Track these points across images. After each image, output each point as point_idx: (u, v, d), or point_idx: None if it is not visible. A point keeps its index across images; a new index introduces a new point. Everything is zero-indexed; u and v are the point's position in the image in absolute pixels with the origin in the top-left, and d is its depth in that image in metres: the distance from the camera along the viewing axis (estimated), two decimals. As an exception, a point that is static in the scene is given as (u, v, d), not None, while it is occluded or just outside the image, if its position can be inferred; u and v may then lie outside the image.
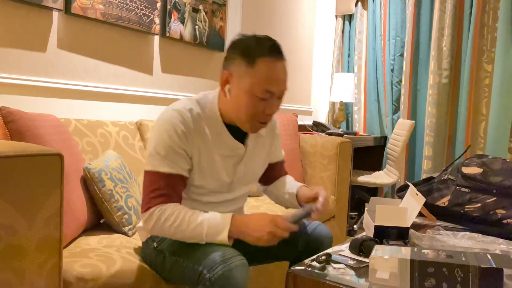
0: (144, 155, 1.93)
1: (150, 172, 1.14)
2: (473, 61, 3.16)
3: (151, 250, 1.22)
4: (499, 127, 3.02)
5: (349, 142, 2.58)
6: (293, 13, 3.51)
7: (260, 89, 1.11)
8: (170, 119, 1.14)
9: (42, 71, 1.77)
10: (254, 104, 1.12)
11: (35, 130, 1.28)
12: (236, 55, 1.14)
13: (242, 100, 1.13)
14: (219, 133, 1.21)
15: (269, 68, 1.11)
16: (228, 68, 1.16)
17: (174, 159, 1.13)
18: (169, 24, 2.28)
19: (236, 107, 1.15)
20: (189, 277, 1.08)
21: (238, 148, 1.24)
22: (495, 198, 1.35)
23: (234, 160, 1.25)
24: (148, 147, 1.17)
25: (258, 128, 1.20)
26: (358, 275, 0.97)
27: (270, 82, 1.11)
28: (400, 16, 3.56)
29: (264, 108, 1.14)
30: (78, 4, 1.81)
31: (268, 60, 1.11)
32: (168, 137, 1.13)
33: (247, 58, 1.11)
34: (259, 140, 1.31)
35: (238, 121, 1.18)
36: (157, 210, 1.11)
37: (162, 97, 2.33)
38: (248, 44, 1.13)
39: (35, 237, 0.95)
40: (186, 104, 1.18)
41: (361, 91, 3.80)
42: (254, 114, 1.14)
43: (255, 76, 1.11)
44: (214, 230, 1.08)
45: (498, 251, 1.06)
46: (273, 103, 1.15)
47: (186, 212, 1.10)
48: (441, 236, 1.16)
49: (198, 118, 1.18)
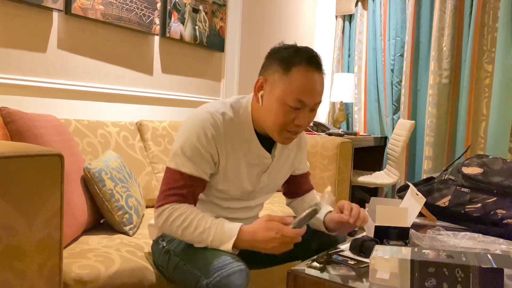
0: (144, 155, 1.93)
1: (172, 170, 1.13)
2: (473, 61, 3.16)
3: (159, 249, 1.22)
4: (499, 127, 3.01)
5: (349, 142, 2.58)
6: (293, 13, 3.51)
7: (292, 98, 1.08)
8: (201, 121, 1.13)
9: (42, 72, 1.77)
10: (284, 113, 1.10)
11: (35, 131, 1.28)
12: (274, 62, 1.13)
13: (273, 107, 1.11)
14: (248, 140, 1.19)
15: (304, 77, 1.09)
16: (263, 74, 1.15)
17: (199, 161, 1.12)
18: (169, 24, 2.28)
19: (267, 115, 1.14)
20: (188, 281, 1.08)
21: (265, 158, 1.23)
22: (495, 198, 1.34)
23: (259, 169, 1.24)
24: (174, 145, 1.15)
25: (288, 139, 1.17)
26: (358, 275, 0.96)
27: (303, 91, 1.09)
28: (400, 16, 3.55)
29: (295, 119, 1.11)
30: (78, 4, 1.81)
31: (304, 69, 1.09)
32: (196, 139, 1.12)
33: (284, 65, 1.10)
34: (284, 151, 1.29)
35: (268, 130, 1.16)
36: (169, 208, 1.10)
37: (162, 98, 2.34)
38: (287, 52, 1.12)
39: (35, 237, 0.95)
40: (220, 107, 1.17)
41: (361, 91, 3.80)
42: (284, 124, 1.12)
43: (289, 84, 1.09)
44: (219, 238, 1.07)
45: (498, 251, 1.06)
46: (305, 114, 1.12)
47: (195, 215, 1.09)
48: (441, 236, 1.15)
49: (230, 123, 1.16)
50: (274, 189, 1.35)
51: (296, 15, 3.55)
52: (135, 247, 1.35)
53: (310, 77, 1.09)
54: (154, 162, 1.99)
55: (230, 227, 1.07)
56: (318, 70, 1.11)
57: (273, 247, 1.03)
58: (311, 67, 1.09)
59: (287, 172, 1.35)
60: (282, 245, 1.03)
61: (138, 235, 1.50)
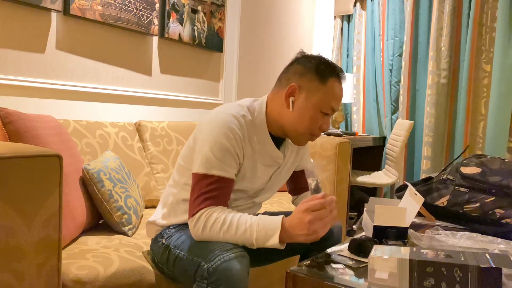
0: (142, 155, 1.93)
1: (201, 174, 1.12)
2: (472, 61, 3.16)
3: (158, 247, 1.23)
4: (497, 127, 3.02)
5: (348, 143, 2.59)
6: (292, 13, 3.51)
7: (327, 106, 1.19)
8: (227, 123, 1.14)
9: (40, 72, 1.77)
10: (317, 118, 1.19)
11: (34, 131, 1.28)
12: (310, 70, 1.19)
13: (307, 113, 1.19)
14: (263, 142, 1.23)
15: (337, 87, 1.20)
16: (296, 81, 1.19)
17: (229, 162, 1.13)
18: (168, 25, 2.28)
19: (298, 119, 1.19)
20: (189, 270, 1.08)
21: (279, 158, 1.27)
22: (493, 198, 1.35)
23: (273, 169, 1.29)
24: (201, 149, 1.14)
25: (306, 142, 1.26)
26: (357, 275, 0.97)
27: (336, 100, 1.20)
28: (398, 17, 3.56)
29: (322, 124, 1.21)
30: (77, 5, 1.81)
31: (337, 80, 1.20)
32: (226, 140, 1.13)
33: (321, 75, 1.18)
34: (292, 149, 1.35)
35: (293, 132, 1.22)
36: (204, 214, 1.09)
37: (161, 98, 2.34)
38: (320, 62, 1.21)
39: (34, 238, 0.95)
40: (240, 109, 1.20)
41: (360, 91, 3.80)
42: (313, 128, 1.20)
43: (326, 93, 1.18)
44: (263, 234, 1.06)
45: (497, 251, 1.06)
46: (328, 120, 1.23)
47: (232, 216, 1.08)
48: (440, 236, 1.16)
49: (251, 124, 1.21)
50: (278, 187, 1.38)
51: (295, 16, 3.55)
52: (134, 247, 1.35)
53: (340, 88, 1.22)
54: (153, 163, 1.99)
55: (271, 221, 1.06)
56: (343, 81, 1.24)
57: (312, 231, 1.02)
58: (341, 79, 1.22)
59: (291, 170, 1.39)
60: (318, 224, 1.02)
61: (137, 235, 1.50)
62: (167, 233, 1.22)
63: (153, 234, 1.28)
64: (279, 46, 3.35)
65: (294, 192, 1.49)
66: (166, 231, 1.24)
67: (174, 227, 1.24)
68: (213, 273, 1.00)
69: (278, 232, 1.04)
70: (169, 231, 1.23)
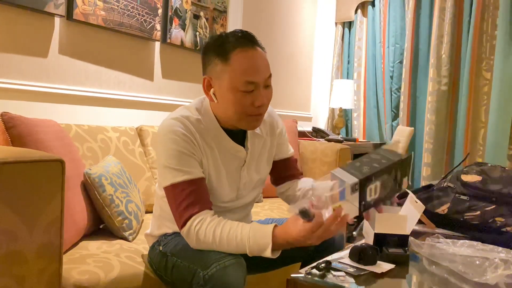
0: (144, 160, 1.93)
1: (169, 187, 1.11)
2: (472, 69, 3.17)
3: (156, 254, 1.22)
4: (498, 134, 3.02)
5: (349, 149, 2.59)
6: (294, 20, 3.53)
7: (240, 82, 1.09)
8: (170, 127, 1.13)
9: (43, 77, 1.78)
10: (240, 99, 1.11)
11: (36, 136, 1.28)
12: (210, 57, 1.13)
13: (228, 99, 1.12)
14: (218, 137, 1.19)
15: (243, 58, 1.09)
16: (206, 73, 1.16)
17: (189, 164, 1.11)
18: (170, 30, 2.29)
19: (225, 108, 1.14)
20: (186, 277, 1.08)
21: (239, 151, 1.22)
22: (494, 206, 1.35)
23: (236, 164, 1.23)
24: (159, 163, 1.14)
25: (255, 123, 1.17)
26: (358, 283, 0.97)
27: (249, 72, 1.09)
28: (399, 24, 3.58)
29: (252, 101, 1.12)
30: (80, 10, 1.82)
31: (240, 51, 1.09)
32: (175, 144, 1.11)
33: (221, 56, 1.11)
34: (258, 141, 1.28)
35: (232, 121, 1.17)
36: (193, 227, 1.07)
37: (162, 103, 2.34)
38: (218, 42, 1.12)
39: (36, 243, 0.95)
40: (183, 111, 1.17)
41: (361, 97, 3.81)
42: (244, 109, 1.12)
43: (232, 71, 1.09)
44: (256, 249, 1.05)
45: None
46: (260, 93, 1.12)
47: (221, 229, 1.06)
48: (440, 244, 1.16)
49: (198, 123, 1.17)
50: (260, 182, 1.33)
51: (296, 22, 3.56)
52: (134, 252, 1.35)
53: (250, 56, 1.10)
54: (154, 168, 1.99)
55: (262, 235, 1.04)
56: (253, 47, 1.12)
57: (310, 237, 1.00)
58: (246, 47, 1.10)
59: (267, 162, 1.33)
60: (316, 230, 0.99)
61: (138, 240, 1.50)
62: (163, 241, 1.22)
63: (150, 242, 1.29)
64: (280, 52, 3.36)
65: (276, 182, 1.41)
66: (163, 239, 1.23)
67: (170, 235, 1.24)
68: (209, 280, 1.00)
69: (270, 248, 1.03)
70: (166, 239, 1.23)
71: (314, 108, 3.92)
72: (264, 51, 1.16)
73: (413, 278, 1.03)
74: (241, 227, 1.07)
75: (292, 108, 3.57)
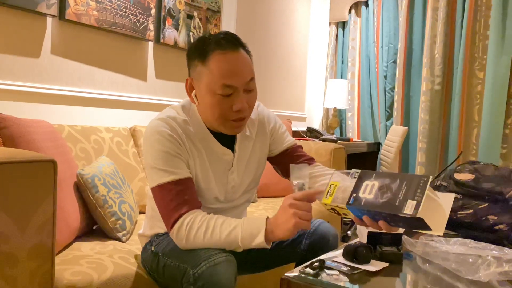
0: (137, 161, 1.93)
1: (156, 188, 1.09)
2: (465, 68, 3.20)
3: (148, 255, 1.22)
4: (491, 133, 3.05)
5: (343, 148, 2.60)
6: (288, 20, 3.53)
7: (218, 86, 1.06)
8: (156, 128, 1.11)
9: (35, 77, 1.76)
10: (218, 103, 1.08)
11: (28, 136, 1.27)
12: (193, 58, 1.12)
13: (206, 101, 1.09)
14: (205, 139, 1.18)
15: (221, 61, 1.06)
16: (190, 74, 1.14)
17: (175, 164, 1.10)
18: (164, 30, 2.29)
19: (205, 110, 1.13)
20: (177, 276, 1.07)
21: (225, 154, 1.20)
22: (487, 204, 1.36)
23: (224, 167, 1.21)
24: (146, 164, 1.13)
25: (236, 129, 1.14)
26: (351, 282, 0.97)
27: (226, 75, 1.06)
28: (393, 24, 3.59)
29: (231, 105, 1.08)
30: (73, 10, 1.81)
31: (218, 53, 1.06)
32: (161, 145, 1.10)
33: (201, 57, 1.08)
34: (247, 143, 1.25)
35: (214, 125, 1.15)
36: (184, 224, 1.06)
37: (156, 103, 2.33)
38: (200, 43, 1.10)
39: (27, 244, 0.94)
40: (169, 112, 1.16)
41: (355, 97, 3.82)
42: (222, 114, 1.09)
43: (210, 73, 1.06)
44: (249, 234, 1.03)
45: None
46: (239, 97, 1.08)
47: (214, 221, 1.05)
48: (433, 242, 1.16)
49: (185, 124, 1.15)
50: (254, 184, 1.30)
51: (290, 22, 3.57)
52: (128, 253, 1.35)
53: (228, 59, 1.06)
54: (147, 168, 1.98)
55: (256, 221, 1.04)
56: (234, 49, 1.08)
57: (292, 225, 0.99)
58: (225, 49, 1.06)
59: (259, 163, 1.29)
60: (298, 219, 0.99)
61: (131, 241, 1.49)
62: (155, 241, 1.21)
63: (143, 242, 1.28)
64: (274, 52, 3.37)
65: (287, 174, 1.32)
66: (155, 239, 1.23)
67: (162, 235, 1.23)
68: (199, 278, 0.99)
69: (263, 231, 1.02)
70: (158, 239, 1.22)
71: (308, 108, 3.93)
72: (248, 54, 1.13)
73: (406, 276, 1.04)
74: (234, 219, 1.07)
75: (286, 108, 3.57)
